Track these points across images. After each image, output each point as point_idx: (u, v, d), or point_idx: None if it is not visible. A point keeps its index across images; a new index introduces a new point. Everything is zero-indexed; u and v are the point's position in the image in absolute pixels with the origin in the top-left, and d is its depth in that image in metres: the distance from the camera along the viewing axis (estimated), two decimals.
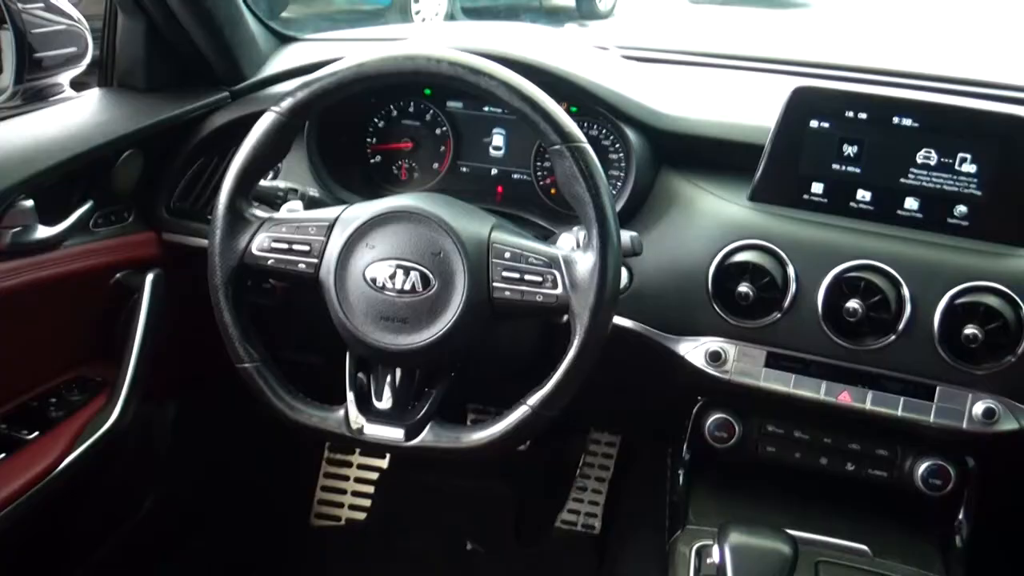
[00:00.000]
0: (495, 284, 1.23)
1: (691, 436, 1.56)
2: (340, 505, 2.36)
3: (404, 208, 1.26)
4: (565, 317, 1.23)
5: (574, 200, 1.22)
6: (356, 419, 1.28)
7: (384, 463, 2.37)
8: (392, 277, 1.23)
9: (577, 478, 2.35)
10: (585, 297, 1.20)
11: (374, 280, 1.23)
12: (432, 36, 1.73)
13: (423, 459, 1.30)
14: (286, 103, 1.25)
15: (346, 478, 2.38)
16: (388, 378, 1.31)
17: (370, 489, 2.36)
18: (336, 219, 1.28)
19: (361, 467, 2.38)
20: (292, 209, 1.41)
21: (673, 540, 1.48)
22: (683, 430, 1.57)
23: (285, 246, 1.28)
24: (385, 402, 1.30)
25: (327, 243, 1.27)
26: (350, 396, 1.30)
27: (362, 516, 2.34)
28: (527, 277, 1.23)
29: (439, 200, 1.30)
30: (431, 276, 1.23)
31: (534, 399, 1.24)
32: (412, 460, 2.27)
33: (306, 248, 1.28)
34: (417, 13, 9.37)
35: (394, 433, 1.28)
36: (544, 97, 1.22)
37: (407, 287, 1.23)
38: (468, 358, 1.34)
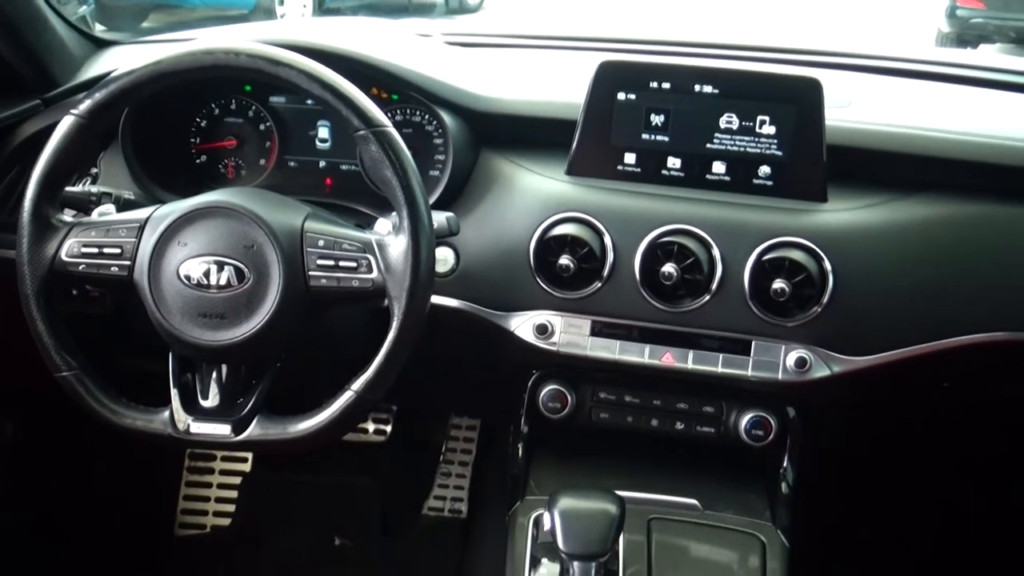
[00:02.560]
0: (311, 273, 1.25)
1: (528, 409, 1.59)
2: (204, 513, 2.33)
3: (214, 204, 1.26)
4: (386, 301, 1.25)
5: (383, 184, 1.24)
6: (182, 419, 1.28)
7: (247, 466, 2.35)
8: (206, 274, 1.23)
9: (441, 464, 2.37)
10: (400, 279, 1.22)
11: (188, 277, 1.23)
12: (243, 32, 1.72)
13: (255, 453, 1.31)
14: (84, 105, 1.24)
15: (209, 485, 2.35)
16: (214, 375, 1.30)
17: (234, 494, 2.34)
18: (147, 219, 1.27)
19: (224, 472, 2.35)
20: (104, 213, 1.38)
21: (512, 512, 1.51)
22: (522, 404, 1.60)
23: (95, 250, 1.26)
24: (212, 400, 1.30)
25: (138, 244, 1.26)
26: (174, 395, 1.29)
27: (227, 521, 2.31)
28: (342, 263, 1.25)
29: (250, 193, 1.30)
30: (246, 269, 1.23)
31: (358, 384, 1.25)
32: (245, 454, 2.26)
33: (117, 251, 1.26)
34: (282, 16, 9.28)
35: (221, 429, 1.28)
36: (345, 84, 1.23)
37: (222, 282, 1.23)
38: (294, 348, 1.35)
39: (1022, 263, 1.45)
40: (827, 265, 1.39)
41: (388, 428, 2.32)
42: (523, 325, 1.48)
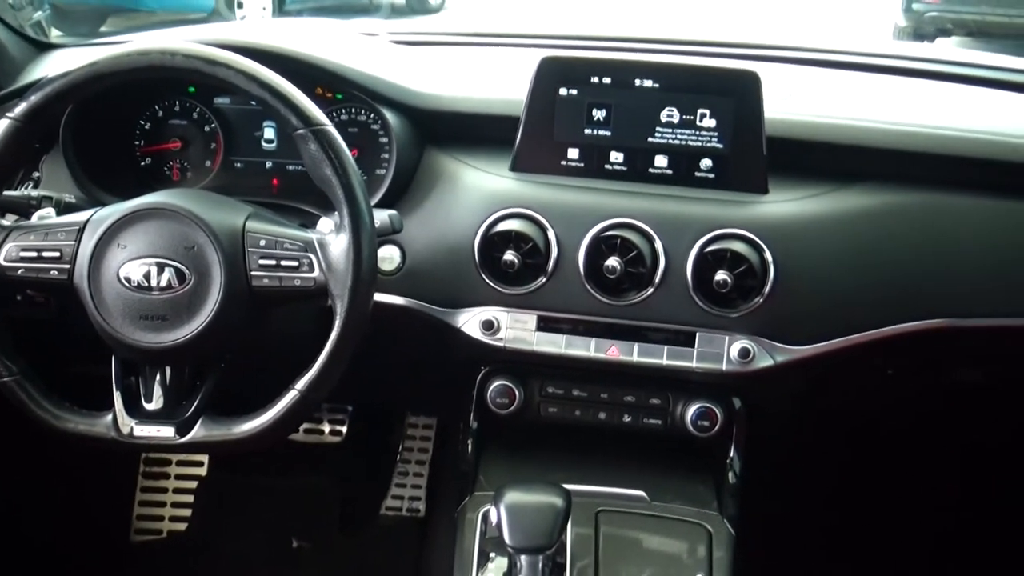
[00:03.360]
0: (253, 272, 1.25)
1: (476, 405, 1.59)
2: (160, 518, 2.32)
3: (153, 205, 1.26)
4: (329, 300, 1.25)
5: (322, 183, 1.24)
6: (125, 422, 1.28)
7: (203, 470, 2.34)
8: (147, 276, 1.23)
9: (398, 463, 2.37)
10: (342, 278, 1.22)
11: (129, 280, 1.23)
12: (187, 33, 1.71)
13: (200, 454, 1.30)
14: (20, 108, 1.23)
15: (164, 490, 2.34)
16: (157, 377, 1.30)
17: (190, 498, 2.33)
18: (86, 222, 1.27)
19: (179, 477, 2.34)
20: (44, 216, 1.38)
21: (461, 508, 1.51)
22: (471, 400, 1.61)
23: (34, 254, 1.26)
24: (156, 402, 1.30)
25: (78, 247, 1.25)
26: (117, 399, 1.29)
27: (184, 527, 2.30)
28: (283, 263, 1.25)
29: (190, 194, 1.30)
30: (186, 271, 1.23)
31: (302, 383, 1.25)
32: (200, 457, 2.26)
33: (56, 254, 1.26)
34: (242, 18, 9.22)
35: (165, 432, 1.28)
36: (283, 83, 1.23)
37: (163, 284, 1.23)
38: (239, 349, 1.34)
39: (959, 251, 1.47)
40: (768, 256, 1.41)
41: (344, 429, 2.32)
42: (470, 321, 1.48)
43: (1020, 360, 1.62)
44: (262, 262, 1.25)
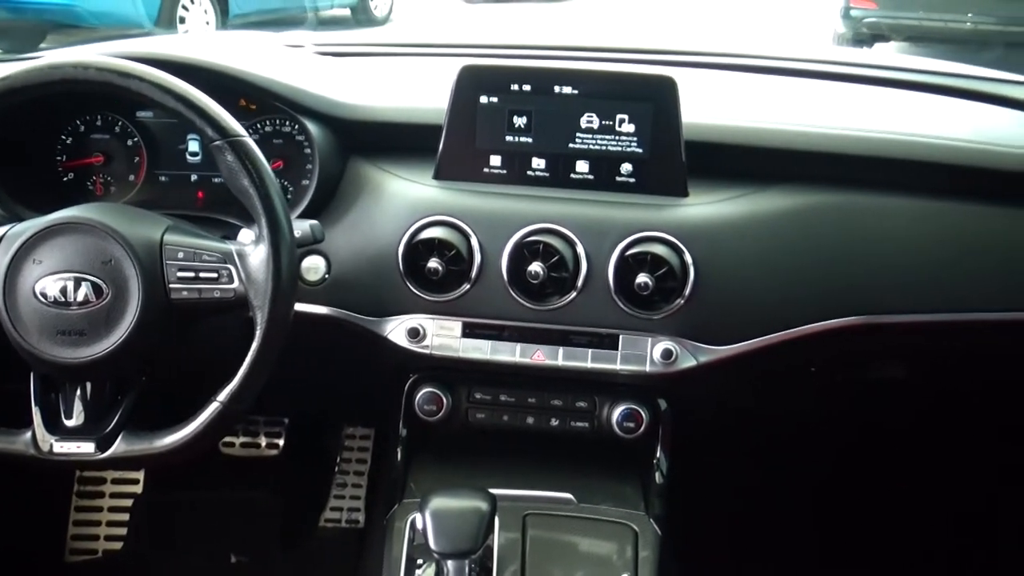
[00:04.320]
0: (171, 285, 1.25)
1: (405, 413, 1.59)
2: (96, 537, 2.29)
3: (69, 219, 1.25)
4: (250, 311, 1.25)
5: (240, 194, 1.24)
6: (45, 439, 1.27)
7: (138, 488, 2.31)
8: (63, 291, 1.22)
9: (336, 475, 2.37)
10: (262, 288, 1.22)
11: (45, 295, 1.22)
12: (106, 47, 1.70)
13: (123, 469, 1.29)
14: None
15: (100, 508, 2.31)
16: (78, 393, 1.29)
17: (126, 516, 2.30)
18: (1, 238, 1.26)
19: (115, 495, 2.31)
20: None
21: (390, 516, 1.52)
22: (399, 409, 1.61)
23: None
24: (76, 418, 1.29)
25: None
26: (36, 415, 1.28)
27: (120, 545, 2.27)
28: (202, 275, 1.25)
29: (107, 208, 1.30)
30: (104, 285, 1.22)
31: (223, 395, 1.25)
32: (135, 474, 2.24)
33: None
34: (185, 32, 9.14)
35: (85, 448, 1.27)
36: (198, 94, 1.23)
37: (80, 298, 1.22)
38: (161, 362, 1.34)
39: (876, 250, 1.50)
40: (688, 258, 1.42)
41: (281, 442, 2.31)
42: (396, 330, 1.48)
43: (938, 355, 1.66)
44: (180, 274, 1.25)
